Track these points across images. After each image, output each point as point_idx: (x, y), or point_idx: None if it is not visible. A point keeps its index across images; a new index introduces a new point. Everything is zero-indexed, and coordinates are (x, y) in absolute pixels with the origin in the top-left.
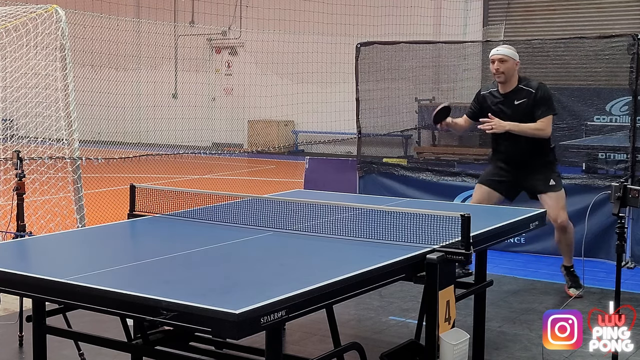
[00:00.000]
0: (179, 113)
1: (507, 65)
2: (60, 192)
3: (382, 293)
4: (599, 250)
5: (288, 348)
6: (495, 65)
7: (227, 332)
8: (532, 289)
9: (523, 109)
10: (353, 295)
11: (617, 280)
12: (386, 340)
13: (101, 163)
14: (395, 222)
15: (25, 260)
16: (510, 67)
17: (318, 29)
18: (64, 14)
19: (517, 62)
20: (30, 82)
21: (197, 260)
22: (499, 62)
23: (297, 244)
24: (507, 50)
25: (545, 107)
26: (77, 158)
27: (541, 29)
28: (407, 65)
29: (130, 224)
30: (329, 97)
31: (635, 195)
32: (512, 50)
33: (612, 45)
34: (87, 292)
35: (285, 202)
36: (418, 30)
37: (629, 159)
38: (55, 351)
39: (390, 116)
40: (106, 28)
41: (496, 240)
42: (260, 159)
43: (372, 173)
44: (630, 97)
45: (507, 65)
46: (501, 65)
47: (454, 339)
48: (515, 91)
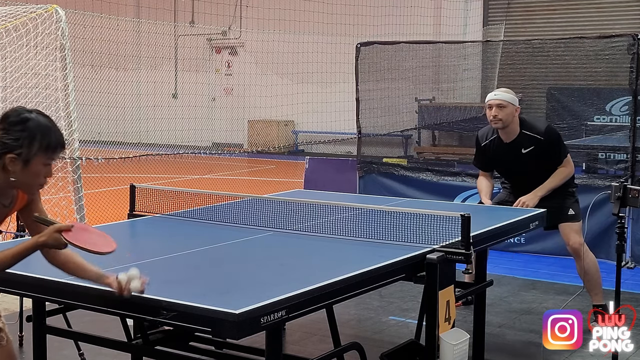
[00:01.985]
0: (179, 113)
1: (506, 112)
2: (60, 192)
3: (382, 293)
4: (599, 250)
5: (288, 348)
6: (493, 112)
7: (227, 332)
8: (532, 289)
9: (532, 157)
10: (353, 295)
11: (617, 280)
12: (386, 340)
13: (101, 163)
14: (395, 222)
15: (25, 260)
16: (510, 113)
17: (318, 29)
18: (64, 14)
19: (517, 107)
20: (30, 82)
21: (197, 260)
22: (497, 108)
23: (297, 244)
24: (506, 95)
25: (559, 148)
26: (77, 158)
27: (541, 29)
28: (407, 65)
29: (130, 224)
30: (329, 97)
31: (635, 195)
32: (511, 94)
33: (612, 45)
34: (87, 292)
35: (285, 202)
36: (418, 30)
37: (629, 159)
38: (55, 351)
39: (390, 116)
40: (106, 28)
41: (496, 240)
42: (260, 159)
43: (372, 173)
44: (630, 97)
45: (506, 112)
46: (499, 112)
47: (454, 339)
48: (519, 139)
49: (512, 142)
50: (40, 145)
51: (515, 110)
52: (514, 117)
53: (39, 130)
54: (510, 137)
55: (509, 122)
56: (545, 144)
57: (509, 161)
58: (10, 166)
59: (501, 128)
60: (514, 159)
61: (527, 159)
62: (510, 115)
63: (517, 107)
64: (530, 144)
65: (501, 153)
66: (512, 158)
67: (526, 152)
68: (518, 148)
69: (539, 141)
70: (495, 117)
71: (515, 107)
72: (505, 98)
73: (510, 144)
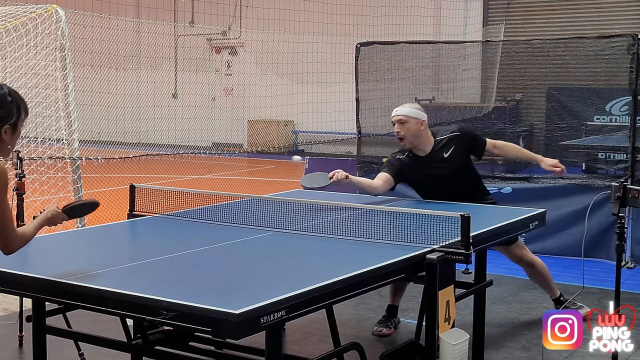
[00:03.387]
0: (179, 113)
1: (408, 127)
2: (60, 192)
3: (382, 293)
4: (599, 250)
5: (288, 348)
6: (396, 128)
7: (227, 332)
8: (532, 289)
9: (458, 156)
10: (353, 295)
11: (617, 280)
12: (386, 340)
13: (101, 163)
14: (395, 222)
15: (25, 260)
16: (413, 128)
17: (318, 29)
18: (64, 14)
19: (421, 120)
20: (30, 82)
21: (197, 260)
22: (398, 124)
23: (297, 244)
24: (406, 110)
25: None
26: (77, 158)
27: (541, 29)
28: (407, 65)
29: (130, 224)
30: (329, 97)
31: (635, 195)
32: (413, 108)
33: (612, 45)
34: (87, 292)
35: (285, 202)
36: (418, 30)
37: (629, 159)
38: (55, 351)
39: (390, 116)
40: (106, 28)
41: (496, 240)
42: (260, 159)
43: (372, 173)
44: (630, 97)
45: (408, 127)
46: (402, 128)
47: (454, 339)
48: (436, 147)
49: (430, 153)
50: (24, 111)
51: (421, 123)
52: (419, 132)
53: (19, 99)
54: (427, 149)
55: (415, 136)
56: (462, 137)
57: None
58: (6, 136)
59: (409, 147)
60: (438, 168)
61: (452, 161)
62: (414, 130)
63: (422, 120)
64: (449, 145)
65: (421, 168)
66: (435, 169)
67: (448, 154)
68: (439, 154)
69: (456, 136)
70: (397, 133)
71: (419, 120)
72: (405, 113)
73: (430, 154)
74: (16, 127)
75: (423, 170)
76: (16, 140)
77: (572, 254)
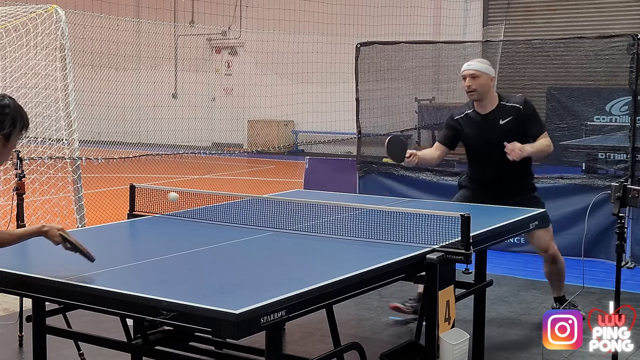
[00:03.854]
0: (179, 113)
1: (479, 82)
2: (60, 192)
3: (382, 293)
4: (599, 250)
5: (288, 348)
6: (467, 82)
7: (227, 332)
8: (532, 289)
9: (511, 129)
10: (353, 295)
11: (617, 280)
12: (386, 340)
13: (101, 163)
14: (395, 222)
15: (25, 260)
16: (484, 83)
17: (318, 29)
18: (64, 14)
19: (491, 77)
20: (30, 82)
21: (197, 260)
22: (470, 78)
23: (297, 244)
24: (479, 65)
25: (539, 121)
26: (77, 158)
27: (541, 29)
28: (407, 65)
29: (130, 224)
30: (329, 97)
31: (635, 195)
32: (484, 64)
33: (612, 45)
34: (87, 292)
35: (285, 202)
36: (418, 30)
37: (629, 159)
38: (55, 351)
39: (390, 116)
40: (106, 28)
41: (496, 240)
42: (260, 159)
43: (372, 173)
44: (630, 97)
45: (480, 82)
46: (473, 82)
47: (454, 339)
48: (497, 110)
49: (489, 114)
50: (22, 126)
51: (491, 79)
52: (489, 88)
53: (18, 112)
54: (487, 109)
55: (484, 92)
56: (525, 114)
57: (482, 135)
58: None
59: (477, 100)
60: (490, 131)
61: (505, 130)
62: (485, 85)
63: (492, 76)
64: (508, 114)
65: (476, 126)
66: (488, 130)
67: (504, 122)
68: (496, 119)
69: (518, 111)
70: (469, 87)
71: (489, 76)
72: (478, 67)
73: (488, 115)
74: (9, 139)
75: (474, 129)
76: (8, 153)
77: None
